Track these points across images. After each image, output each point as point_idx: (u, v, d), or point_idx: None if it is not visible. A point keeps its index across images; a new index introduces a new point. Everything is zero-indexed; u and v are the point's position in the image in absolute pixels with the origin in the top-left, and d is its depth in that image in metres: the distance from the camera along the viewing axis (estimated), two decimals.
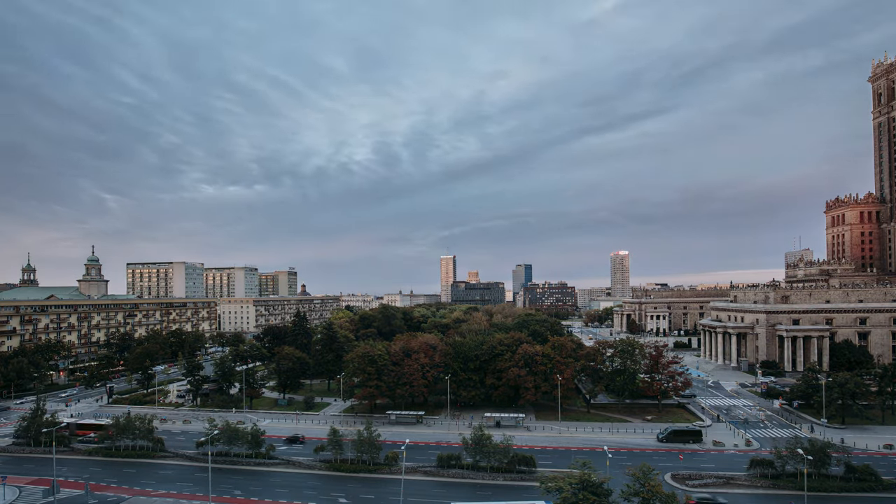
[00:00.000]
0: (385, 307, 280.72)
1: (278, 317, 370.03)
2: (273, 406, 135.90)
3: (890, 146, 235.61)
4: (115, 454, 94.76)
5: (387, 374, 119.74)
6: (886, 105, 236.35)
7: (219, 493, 74.82)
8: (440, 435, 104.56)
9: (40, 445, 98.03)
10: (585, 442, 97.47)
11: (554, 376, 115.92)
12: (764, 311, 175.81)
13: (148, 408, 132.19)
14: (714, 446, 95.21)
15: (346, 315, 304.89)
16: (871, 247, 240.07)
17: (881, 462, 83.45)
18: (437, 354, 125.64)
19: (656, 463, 79.20)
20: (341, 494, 74.51)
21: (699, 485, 75.17)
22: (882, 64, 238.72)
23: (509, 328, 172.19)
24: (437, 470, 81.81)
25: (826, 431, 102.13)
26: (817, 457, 72.08)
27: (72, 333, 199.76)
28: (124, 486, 79.00)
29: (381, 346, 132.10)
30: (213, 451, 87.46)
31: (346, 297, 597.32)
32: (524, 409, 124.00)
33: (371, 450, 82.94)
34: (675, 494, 57.43)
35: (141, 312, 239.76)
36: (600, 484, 59.60)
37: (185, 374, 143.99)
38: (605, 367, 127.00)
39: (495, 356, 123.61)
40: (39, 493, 75.65)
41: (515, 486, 76.46)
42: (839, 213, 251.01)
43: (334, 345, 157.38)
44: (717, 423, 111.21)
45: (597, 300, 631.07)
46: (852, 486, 71.77)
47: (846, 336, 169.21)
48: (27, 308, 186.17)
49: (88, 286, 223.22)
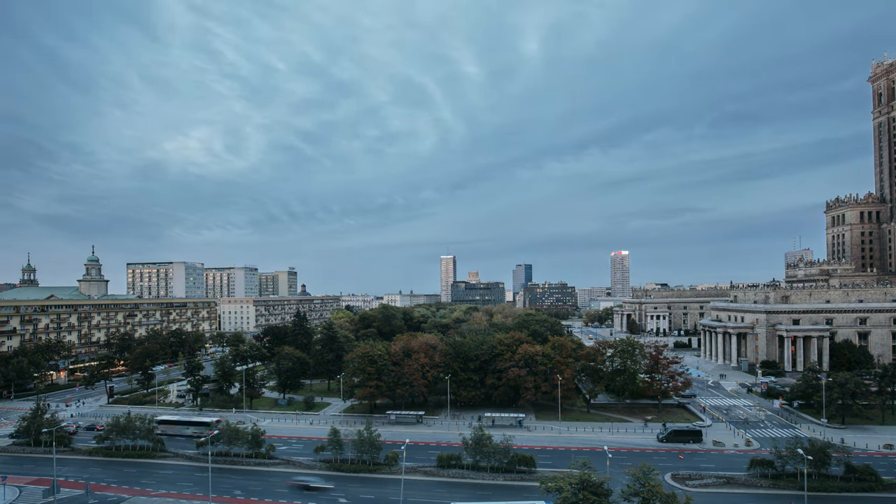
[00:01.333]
0: (385, 307, 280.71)
1: (278, 317, 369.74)
2: (273, 406, 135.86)
3: (890, 146, 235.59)
4: (115, 454, 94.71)
5: (387, 374, 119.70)
6: (886, 105, 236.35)
7: (219, 493, 74.80)
8: (440, 435, 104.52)
9: (40, 445, 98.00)
10: (585, 442, 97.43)
11: (554, 376, 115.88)
12: (764, 311, 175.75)
13: (148, 408, 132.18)
14: (714, 446, 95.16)
15: (346, 315, 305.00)
16: (871, 247, 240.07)
17: (881, 462, 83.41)
18: (437, 354, 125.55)
19: (656, 463, 79.20)
20: (341, 494, 74.44)
21: (699, 485, 75.17)
22: (882, 64, 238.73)
23: (509, 328, 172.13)
24: (437, 470, 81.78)
25: (826, 431, 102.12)
26: (817, 457, 72.01)
27: (72, 333, 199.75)
28: (124, 486, 78.94)
29: (381, 346, 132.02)
30: (213, 451, 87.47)
31: (346, 297, 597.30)
32: (524, 409, 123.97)
33: (371, 450, 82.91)
34: (675, 494, 57.36)
35: (141, 312, 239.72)
36: (600, 484, 59.57)
37: (185, 374, 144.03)
38: (605, 367, 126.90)
39: (495, 356, 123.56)
40: (39, 493, 75.59)
41: (515, 486, 76.41)
42: (839, 213, 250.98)
43: (334, 345, 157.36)
44: (717, 423, 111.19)
45: (597, 300, 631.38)
46: (852, 486, 71.71)
47: (846, 336, 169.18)
48: (27, 308, 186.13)
49: (88, 286, 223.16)
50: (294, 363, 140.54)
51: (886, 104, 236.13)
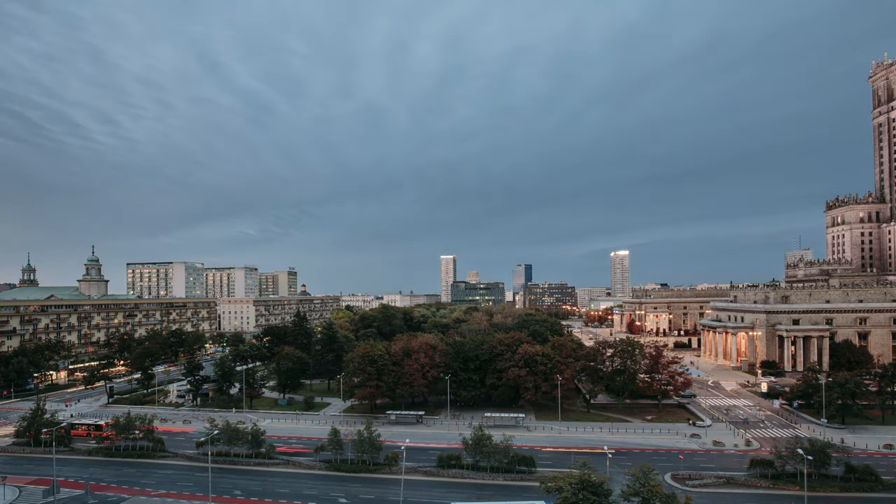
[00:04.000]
0: (385, 307, 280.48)
1: (278, 317, 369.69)
2: (273, 406, 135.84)
3: (890, 146, 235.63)
4: (115, 454, 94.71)
5: (387, 374, 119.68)
6: (886, 105, 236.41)
7: (219, 493, 74.80)
8: (440, 435, 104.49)
9: (40, 445, 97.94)
10: (585, 442, 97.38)
11: (554, 376, 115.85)
12: (764, 311, 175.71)
13: (148, 408, 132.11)
14: (714, 446, 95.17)
15: (347, 315, 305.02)
16: (871, 247, 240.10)
17: (881, 462, 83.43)
18: (437, 354, 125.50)
19: (656, 463, 79.15)
20: (341, 494, 74.46)
21: (699, 485, 75.18)
22: (882, 64, 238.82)
23: (509, 328, 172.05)
24: (437, 470, 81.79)
25: (826, 431, 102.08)
26: (817, 457, 72.00)
27: (72, 333, 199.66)
28: (124, 486, 78.94)
29: (381, 346, 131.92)
30: (213, 451, 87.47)
31: (346, 297, 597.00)
32: (524, 409, 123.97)
33: (371, 450, 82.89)
34: (675, 494, 57.36)
35: (141, 312, 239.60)
36: (600, 484, 59.50)
37: (185, 374, 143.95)
38: (605, 367, 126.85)
39: (495, 356, 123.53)
40: (39, 493, 75.55)
41: (515, 486, 76.40)
42: (839, 213, 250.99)
43: (334, 345, 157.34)
44: (717, 423, 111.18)
45: (597, 300, 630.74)
46: (852, 486, 71.73)
47: (846, 336, 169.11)
48: (27, 308, 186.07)
49: (88, 286, 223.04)
50: (294, 363, 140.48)
51: (886, 104, 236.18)
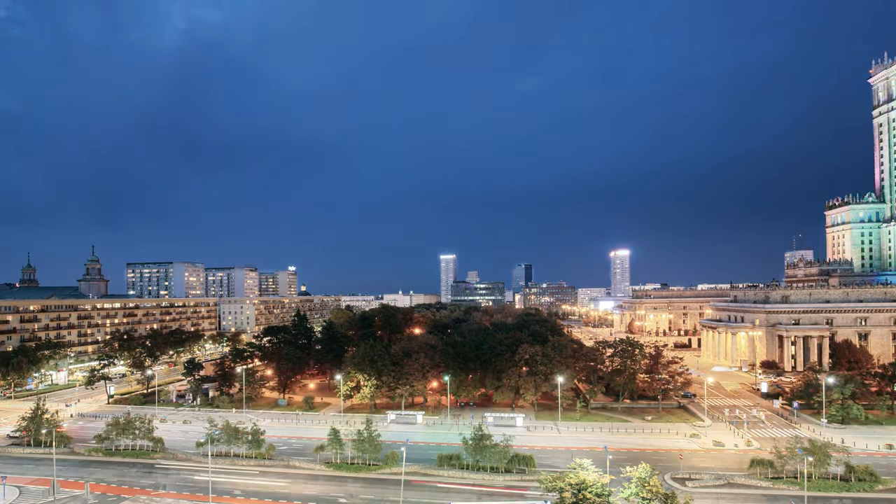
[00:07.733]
0: (385, 307, 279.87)
1: (278, 317, 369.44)
2: (273, 406, 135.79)
3: (890, 146, 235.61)
4: (115, 454, 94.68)
5: (387, 374, 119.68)
6: (886, 105, 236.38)
7: (219, 493, 74.81)
8: (440, 435, 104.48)
9: (40, 445, 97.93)
10: (585, 442, 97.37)
11: (554, 376, 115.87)
12: (764, 311, 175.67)
13: (148, 408, 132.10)
14: (714, 446, 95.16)
15: (347, 315, 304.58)
16: (871, 247, 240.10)
17: (881, 462, 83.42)
18: (437, 354, 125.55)
19: (656, 463, 79.12)
20: (341, 494, 74.47)
21: (699, 485, 75.15)
22: (882, 63, 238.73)
23: (509, 328, 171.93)
24: (437, 470, 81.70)
25: (826, 431, 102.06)
26: (817, 457, 71.96)
27: (72, 333, 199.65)
28: (124, 486, 78.95)
29: (380, 346, 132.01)
30: (212, 452, 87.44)
31: (347, 297, 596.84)
32: (524, 409, 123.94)
33: (371, 450, 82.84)
34: (674, 494, 57.44)
35: (141, 312, 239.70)
36: (600, 484, 59.59)
37: (185, 374, 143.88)
38: (604, 367, 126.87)
39: (495, 356, 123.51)
40: (39, 493, 75.60)
41: (515, 486, 76.38)
42: (839, 213, 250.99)
43: (334, 345, 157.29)
44: (717, 423, 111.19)
45: (597, 300, 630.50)
46: (852, 486, 71.73)
47: (846, 336, 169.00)
48: (27, 308, 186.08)
49: (88, 286, 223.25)
50: (294, 363, 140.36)
51: (886, 104, 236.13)
